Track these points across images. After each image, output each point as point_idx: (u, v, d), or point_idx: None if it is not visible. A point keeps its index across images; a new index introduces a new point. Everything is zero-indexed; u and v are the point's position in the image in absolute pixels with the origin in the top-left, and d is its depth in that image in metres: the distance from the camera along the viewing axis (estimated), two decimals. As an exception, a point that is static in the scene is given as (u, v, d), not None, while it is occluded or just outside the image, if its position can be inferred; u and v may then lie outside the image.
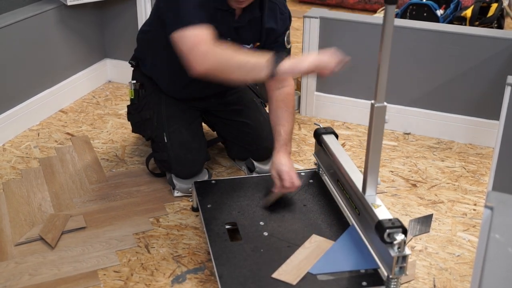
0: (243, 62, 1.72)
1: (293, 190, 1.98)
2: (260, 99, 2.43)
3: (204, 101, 2.30)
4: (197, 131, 2.26)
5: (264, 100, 2.50)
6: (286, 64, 1.71)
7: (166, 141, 2.18)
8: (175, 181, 2.20)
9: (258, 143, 2.30)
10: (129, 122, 2.39)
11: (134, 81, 2.31)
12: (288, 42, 2.12)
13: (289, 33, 2.12)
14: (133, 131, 2.38)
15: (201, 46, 1.72)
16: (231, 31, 2.00)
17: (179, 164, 2.18)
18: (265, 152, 2.33)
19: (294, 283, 1.65)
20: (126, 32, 3.11)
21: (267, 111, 2.43)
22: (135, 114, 2.31)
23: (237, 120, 2.31)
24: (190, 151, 2.18)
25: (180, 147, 2.17)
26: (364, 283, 1.65)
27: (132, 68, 2.37)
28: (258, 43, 2.08)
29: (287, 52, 2.13)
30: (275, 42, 2.09)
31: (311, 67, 1.72)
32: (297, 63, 1.73)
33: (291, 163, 1.99)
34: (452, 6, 3.59)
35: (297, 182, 1.96)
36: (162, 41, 2.04)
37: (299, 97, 2.93)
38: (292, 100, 2.09)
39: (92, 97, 3.10)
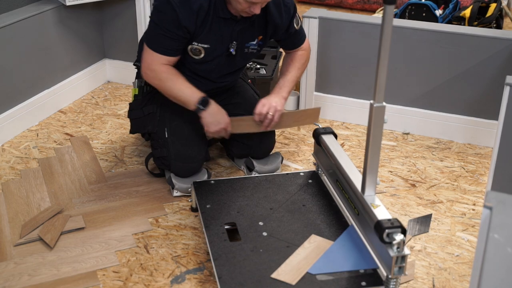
0: (176, 95, 2.10)
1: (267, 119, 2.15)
2: (260, 97, 2.44)
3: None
4: (198, 129, 2.26)
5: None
6: (207, 114, 2.10)
7: (166, 136, 2.18)
8: (174, 181, 2.20)
9: (258, 141, 2.30)
10: (129, 123, 2.39)
11: (139, 79, 2.32)
12: (297, 23, 2.21)
13: (296, 16, 2.19)
14: (132, 131, 2.37)
15: (149, 65, 2.08)
16: (234, 33, 2.09)
17: (178, 159, 2.18)
18: (264, 150, 2.33)
19: (293, 283, 1.65)
20: (125, 32, 3.11)
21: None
22: (137, 109, 2.29)
23: (237, 113, 2.31)
24: (191, 147, 2.19)
25: (180, 143, 2.17)
26: (363, 283, 1.65)
27: (136, 70, 2.38)
28: (260, 37, 2.16)
29: (298, 31, 2.24)
30: (286, 33, 2.19)
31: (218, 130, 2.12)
32: (215, 121, 2.12)
33: (278, 101, 2.18)
34: (451, 6, 3.59)
35: (274, 111, 2.15)
36: None
37: (298, 97, 2.93)
38: (302, 58, 2.28)
39: (91, 97, 3.10)
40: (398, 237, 1.57)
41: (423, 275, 1.86)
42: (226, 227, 1.89)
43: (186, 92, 2.09)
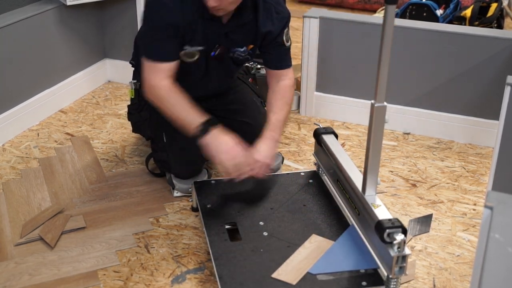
0: (177, 117, 1.90)
1: (261, 177, 1.95)
2: (260, 98, 2.43)
3: (205, 101, 2.30)
4: None
5: (263, 99, 2.51)
6: (209, 139, 1.85)
7: (165, 141, 2.18)
8: (174, 181, 2.20)
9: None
10: (129, 122, 2.39)
11: (135, 81, 2.30)
12: (287, 40, 2.09)
13: (287, 31, 2.08)
14: (133, 131, 2.38)
15: (150, 82, 1.92)
16: (221, 36, 1.99)
17: (178, 164, 2.18)
18: None
19: (294, 283, 1.65)
20: (126, 32, 3.11)
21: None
22: (135, 113, 2.31)
23: (238, 120, 2.31)
24: (189, 151, 2.18)
25: (179, 148, 2.17)
26: (364, 283, 1.65)
27: (133, 68, 2.36)
28: (251, 46, 2.06)
29: (287, 49, 2.10)
30: (274, 42, 2.06)
31: (222, 163, 1.86)
32: (218, 146, 1.85)
33: (269, 151, 1.95)
34: (451, 6, 3.59)
35: (265, 171, 1.95)
36: None
37: (299, 97, 2.93)
38: (288, 91, 2.08)
39: (92, 97, 3.10)
40: (399, 237, 1.57)
41: (423, 275, 1.86)
42: (226, 226, 1.89)
43: (188, 114, 1.89)
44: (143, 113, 2.26)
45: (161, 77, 1.91)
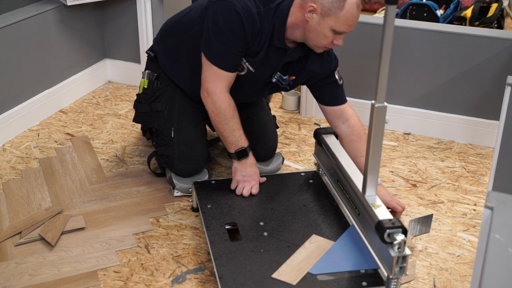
0: (223, 132, 2.05)
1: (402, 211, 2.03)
2: (266, 100, 2.44)
3: None
4: (203, 131, 2.26)
5: (268, 100, 2.51)
6: (236, 165, 2.08)
7: (173, 135, 2.17)
8: (175, 181, 2.20)
9: (261, 142, 2.29)
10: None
11: (149, 71, 2.25)
12: (340, 78, 2.16)
13: (338, 70, 2.15)
14: (135, 120, 2.33)
15: (212, 88, 1.99)
16: (279, 64, 2.05)
17: (182, 160, 2.17)
18: (268, 152, 2.32)
19: (294, 283, 1.65)
20: (126, 32, 3.11)
21: (271, 112, 2.44)
22: (145, 104, 2.25)
23: (242, 115, 2.30)
24: (195, 149, 2.18)
25: (186, 144, 2.17)
26: (364, 283, 1.65)
27: (148, 59, 2.30)
28: (293, 77, 2.11)
29: (339, 87, 2.16)
30: (327, 82, 2.13)
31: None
32: (244, 175, 2.07)
33: (386, 191, 2.05)
34: (452, 6, 3.58)
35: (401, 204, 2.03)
36: (196, 48, 2.07)
37: (299, 97, 2.93)
38: (361, 130, 2.14)
39: (92, 97, 3.10)
40: (399, 237, 1.57)
41: (424, 275, 1.86)
42: (227, 227, 1.89)
43: (235, 135, 2.05)
44: (154, 104, 2.22)
45: (223, 86, 2.00)
